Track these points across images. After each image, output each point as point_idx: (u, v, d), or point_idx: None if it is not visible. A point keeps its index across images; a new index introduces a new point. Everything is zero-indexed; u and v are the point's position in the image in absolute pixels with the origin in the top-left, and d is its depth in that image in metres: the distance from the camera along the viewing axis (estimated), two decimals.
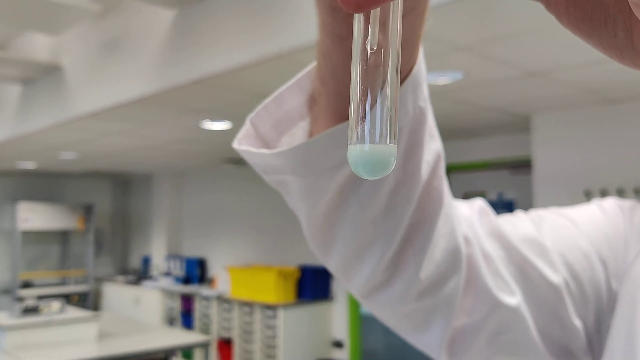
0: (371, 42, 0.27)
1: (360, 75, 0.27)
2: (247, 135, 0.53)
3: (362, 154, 0.26)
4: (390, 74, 0.27)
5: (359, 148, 0.26)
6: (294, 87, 0.52)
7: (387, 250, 0.54)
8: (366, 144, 0.26)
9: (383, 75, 0.27)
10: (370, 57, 0.27)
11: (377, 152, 0.26)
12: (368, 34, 0.27)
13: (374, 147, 0.26)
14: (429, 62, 2.76)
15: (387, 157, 0.26)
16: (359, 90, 0.27)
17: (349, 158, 0.26)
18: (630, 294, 0.61)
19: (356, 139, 0.26)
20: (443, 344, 0.61)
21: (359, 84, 0.27)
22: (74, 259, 8.50)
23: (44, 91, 4.28)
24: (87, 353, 4.05)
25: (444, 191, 0.55)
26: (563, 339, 0.63)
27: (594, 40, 0.27)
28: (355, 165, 0.26)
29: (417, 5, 0.42)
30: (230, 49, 2.68)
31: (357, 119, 0.26)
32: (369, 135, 0.26)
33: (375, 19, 0.27)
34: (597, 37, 0.27)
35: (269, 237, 6.52)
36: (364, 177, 0.27)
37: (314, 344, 5.78)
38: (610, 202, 0.69)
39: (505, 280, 0.60)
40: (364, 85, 0.26)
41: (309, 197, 0.52)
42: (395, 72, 0.27)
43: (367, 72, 0.27)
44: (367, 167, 0.26)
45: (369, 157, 0.26)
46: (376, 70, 0.27)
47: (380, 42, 0.27)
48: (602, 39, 0.27)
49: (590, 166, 3.49)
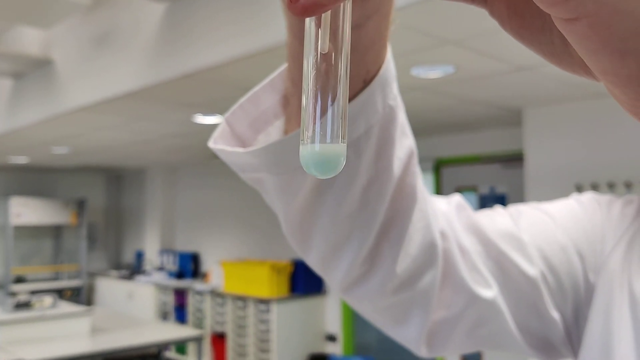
0: (321, 46, 0.27)
1: (311, 78, 0.27)
2: (223, 134, 0.54)
3: (312, 154, 0.27)
4: (341, 76, 0.28)
5: (309, 148, 0.27)
6: (268, 87, 0.53)
7: (363, 244, 0.54)
8: (317, 143, 0.27)
9: (334, 79, 0.27)
10: (320, 60, 0.27)
11: (328, 152, 0.27)
12: (318, 37, 0.27)
13: (325, 147, 0.27)
14: (421, 56, 2.77)
15: (337, 157, 0.27)
16: (310, 93, 0.27)
17: (301, 159, 0.27)
18: (607, 285, 0.62)
19: (307, 139, 0.27)
20: (422, 337, 0.61)
21: (311, 86, 0.27)
22: (66, 254, 8.49)
23: (35, 85, 4.27)
24: (80, 348, 4.05)
25: (418, 187, 0.56)
26: (541, 331, 0.64)
27: (534, 47, 0.28)
28: (307, 165, 0.27)
29: (381, 7, 0.43)
30: (221, 42, 2.68)
31: (309, 120, 0.27)
32: (319, 136, 0.27)
33: (325, 23, 0.27)
34: (537, 44, 0.28)
35: (262, 231, 6.53)
36: (317, 176, 0.28)
37: (307, 337, 5.80)
38: (588, 196, 0.70)
39: (482, 274, 0.61)
40: (315, 87, 0.27)
41: (285, 195, 0.53)
42: (345, 75, 0.28)
43: (318, 75, 0.27)
44: (318, 166, 0.27)
45: (320, 157, 0.27)
46: (327, 73, 0.27)
47: (330, 46, 0.27)
48: (542, 45, 0.28)
49: (581, 160, 3.50)
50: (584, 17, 0.22)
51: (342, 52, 0.28)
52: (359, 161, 0.50)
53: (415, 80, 2.99)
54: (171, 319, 6.98)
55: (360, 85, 0.47)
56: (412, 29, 2.25)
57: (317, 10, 0.25)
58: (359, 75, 0.47)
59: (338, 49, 0.28)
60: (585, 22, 0.23)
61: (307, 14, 0.25)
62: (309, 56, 0.28)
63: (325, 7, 0.25)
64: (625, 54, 0.23)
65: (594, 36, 0.23)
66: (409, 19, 2.14)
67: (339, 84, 0.27)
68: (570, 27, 0.23)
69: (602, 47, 0.23)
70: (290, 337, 5.65)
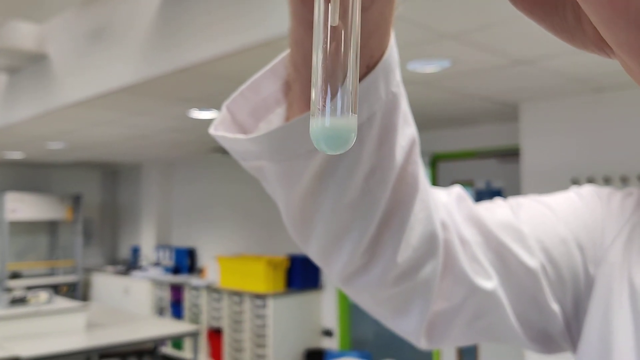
0: (331, 20, 0.27)
1: (321, 56, 0.27)
2: (223, 121, 0.53)
3: (323, 129, 0.27)
4: (351, 53, 0.27)
5: (320, 123, 0.27)
6: (269, 74, 0.52)
7: (364, 234, 0.54)
8: (327, 117, 0.27)
9: (344, 55, 0.27)
10: (330, 37, 0.27)
11: (338, 127, 0.27)
12: (328, 14, 0.27)
13: (335, 121, 0.27)
14: (417, 50, 2.77)
15: (347, 132, 0.27)
16: (320, 70, 0.27)
17: (311, 134, 0.27)
18: (607, 278, 0.62)
19: (318, 113, 0.27)
20: (422, 328, 0.61)
21: (321, 64, 0.27)
22: (62, 249, 8.47)
23: (30, 80, 4.25)
24: (76, 343, 4.04)
25: (420, 176, 0.56)
26: (541, 323, 0.64)
27: (546, 23, 0.28)
28: (317, 140, 0.27)
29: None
30: (217, 36, 2.67)
31: (319, 99, 0.27)
32: (329, 112, 0.27)
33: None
34: (550, 21, 0.28)
35: (259, 226, 6.52)
36: (326, 152, 0.27)
37: (303, 333, 5.80)
38: (588, 189, 0.70)
39: (482, 265, 0.61)
40: (325, 63, 0.27)
41: (286, 183, 0.52)
42: (355, 51, 0.28)
43: (328, 53, 0.27)
44: (328, 142, 0.27)
45: (330, 132, 0.27)
46: (336, 50, 0.27)
47: (340, 23, 0.27)
48: (554, 22, 0.27)
49: (577, 155, 3.51)
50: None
51: (353, 28, 0.27)
52: (361, 148, 0.49)
53: (411, 75, 2.99)
54: (167, 314, 6.97)
55: (364, 70, 0.46)
56: (408, 22, 2.25)
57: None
58: (362, 60, 0.46)
59: (348, 27, 0.27)
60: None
61: None
62: (318, 34, 0.27)
63: None
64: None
65: (610, 5, 0.22)
66: (404, 12, 2.13)
67: (349, 60, 0.27)
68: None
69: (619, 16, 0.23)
70: (287, 332, 5.66)
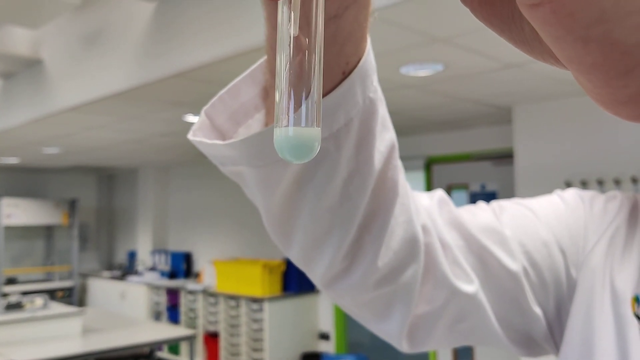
0: (293, 30, 0.27)
1: (284, 62, 0.27)
2: (202, 126, 0.53)
3: (287, 139, 0.27)
4: (315, 62, 0.27)
5: (283, 132, 0.27)
6: (248, 80, 0.53)
7: (344, 238, 0.54)
8: (290, 127, 0.26)
9: (308, 64, 0.27)
10: (294, 49, 0.27)
11: (302, 136, 0.27)
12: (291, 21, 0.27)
13: (299, 130, 0.27)
14: (410, 54, 2.77)
15: (311, 141, 0.27)
16: (284, 78, 0.27)
17: (275, 143, 0.27)
18: (588, 281, 0.62)
19: (282, 124, 0.27)
20: (403, 332, 0.61)
21: (284, 71, 0.27)
22: (58, 254, 8.45)
23: (25, 85, 4.24)
24: (72, 348, 4.03)
25: (399, 181, 0.56)
26: (523, 326, 0.64)
27: (505, 34, 0.28)
28: (280, 149, 0.27)
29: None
30: (211, 41, 2.67)
31: (283, 106, 0.27)
32: (293, 121, 0.27)
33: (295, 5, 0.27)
34: (508, 32, 0.28)
35: (255, 230, 6.52)
36: (291, 161, 0.27)
37: (300, 336, 5.79)
38: (571, 192, 0.70)
39: (463, 269, 0.61)
40: (289, 72, 0.27)
41: (265, 188, 0.52)
42: (319, 64, 0.28)
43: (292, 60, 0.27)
44: (292, 151, 0.27)
45: (294, 141, 0.27)
46: (300, 63, 0.27)
47: (304, 30, 0.27)
48: (512, 33, 0.28)
49: (571, 157, 3.52)
50: (547, 2, 0.23)
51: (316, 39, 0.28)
52: (340, 154, 0.49)
53: (404, 79, 3.00)
54: (164, 318, 6.96)
55: (340, 77, 0.47)
56: (401, 27, 2.25)
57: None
58: (338, 67, 0.46)
59: (312, 36, 0.27)
60: (548, 8, 0.23)
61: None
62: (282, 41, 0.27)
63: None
64: (589, 42, 0.23)
65: (557, 23, 0.23)
66: (397, 17, 2.14)
67: (314, 69, 0.27)
68: (534, 13, 0.23)
69: (566, 34, 0.23)
70: (283, 336, 5.65)
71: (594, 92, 0.26)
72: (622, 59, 0.24)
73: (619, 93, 0.26)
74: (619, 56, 0.24)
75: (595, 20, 0.22)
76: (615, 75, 0.25)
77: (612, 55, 0.24)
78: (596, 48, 0.23)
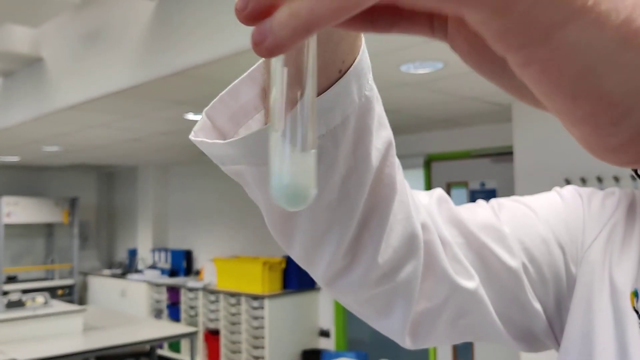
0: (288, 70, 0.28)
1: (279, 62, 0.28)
2: (203, 127, 0.54)
3: (282, 188, 0.28)
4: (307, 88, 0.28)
5: (279, 182, 0.28)
6: (247, 80, 0.53)
7: (344, 236, 0.55)
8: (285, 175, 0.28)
9: (302, 63, 0.28)
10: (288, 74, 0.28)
11: (296, 186, 0.28)
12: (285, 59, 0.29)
13: (293, 180, 0.28)
14: (410, 53, 2.76)
15: (305, 191, 0.28)
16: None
17: (271, 192, 0.28)
18: (588, 277, 0.63)
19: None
20: (405, 328, 0.62)
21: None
22: (59, 252, 8.45)
23: (25, 83, 4.25)
24: (73, 346, 4.04)
25: (397, 178, 0.57)
26: (524, 322, 0.65)
27: (496, 81, 0.29)
28: (277, 198, 0.28)
29: None
30: (211, 40, 2.68)
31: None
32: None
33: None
34: (499, 79, 0.29)
35: (255, 227, 6.52)
36: (287, 209, 0.29)
37: (300, 333, 5.81)
38: (569, 189, 0.71)
39: (464, 265, 0.62)
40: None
41: (265, 186, 0.53)
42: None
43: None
44: (288, 200, 0.28)
45: (289, 190, 0.28)
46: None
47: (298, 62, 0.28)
48: (503, 80, 0.29)
49: (570, 154, 3.52)
50: (536, 62, 0.24)
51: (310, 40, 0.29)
52: (337, 151, 0.50)
53: (404, 77, 3.00)
54: (164, 316, 6.97)
55: (336, 75, 0.47)
56: None
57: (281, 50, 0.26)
58: (334, 65, 0.47)
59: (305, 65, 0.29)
60: (537, 68, 0.24)
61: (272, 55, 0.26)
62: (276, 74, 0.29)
63: (286, 47, 0.26)
64: (577, 96, 0.25)
65: (546, 80, 0.24)
66: None
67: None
68: (524, 72, 0.25)
69: (555, 90, 0.25)
70: (283, 333, 5.66)
71: (583, 141, 0.28)
72: (610, 111, 0.25)
73: (607, 142, 0.27)
74: (607, 109, 0.25)
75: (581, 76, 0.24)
76: (603, 126, 0.26)
77: (600, 108, 0.25)
78: (585, 103, 0.25)
